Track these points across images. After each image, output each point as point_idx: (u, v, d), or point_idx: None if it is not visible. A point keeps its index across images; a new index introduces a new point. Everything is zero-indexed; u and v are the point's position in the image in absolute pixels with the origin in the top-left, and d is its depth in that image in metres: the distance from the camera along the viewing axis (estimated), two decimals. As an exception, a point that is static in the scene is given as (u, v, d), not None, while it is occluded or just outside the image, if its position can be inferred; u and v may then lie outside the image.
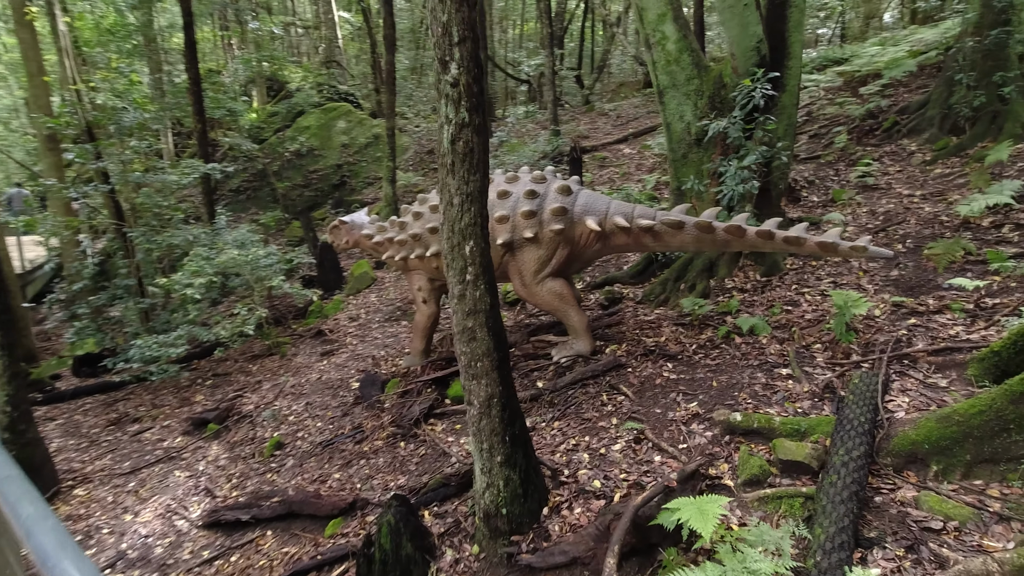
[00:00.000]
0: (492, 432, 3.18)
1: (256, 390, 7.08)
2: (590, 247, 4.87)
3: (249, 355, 8.43)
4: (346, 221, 6.03)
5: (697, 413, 3.92)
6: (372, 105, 21.83)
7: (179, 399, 7.54)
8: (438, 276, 5.46)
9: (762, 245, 4.24)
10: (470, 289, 2.95)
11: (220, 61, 22.45)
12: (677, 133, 6.17)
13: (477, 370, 3.09)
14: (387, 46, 9.60)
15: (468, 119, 2.70)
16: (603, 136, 12.34)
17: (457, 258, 2.91)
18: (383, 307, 8.52)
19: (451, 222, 2.86)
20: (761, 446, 3.50)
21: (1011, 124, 6.18)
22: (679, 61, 5.96)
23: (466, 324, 3.02)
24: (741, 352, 4.42)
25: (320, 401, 6.17)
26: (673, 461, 3.60)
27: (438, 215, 5.22)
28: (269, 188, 16.97)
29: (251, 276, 8.09)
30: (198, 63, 11.54)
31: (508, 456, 3.22)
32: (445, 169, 2.80)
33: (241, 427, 6.19)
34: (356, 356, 7.12)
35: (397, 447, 4.76)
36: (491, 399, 3.13)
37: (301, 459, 5.18)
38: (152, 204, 8.75)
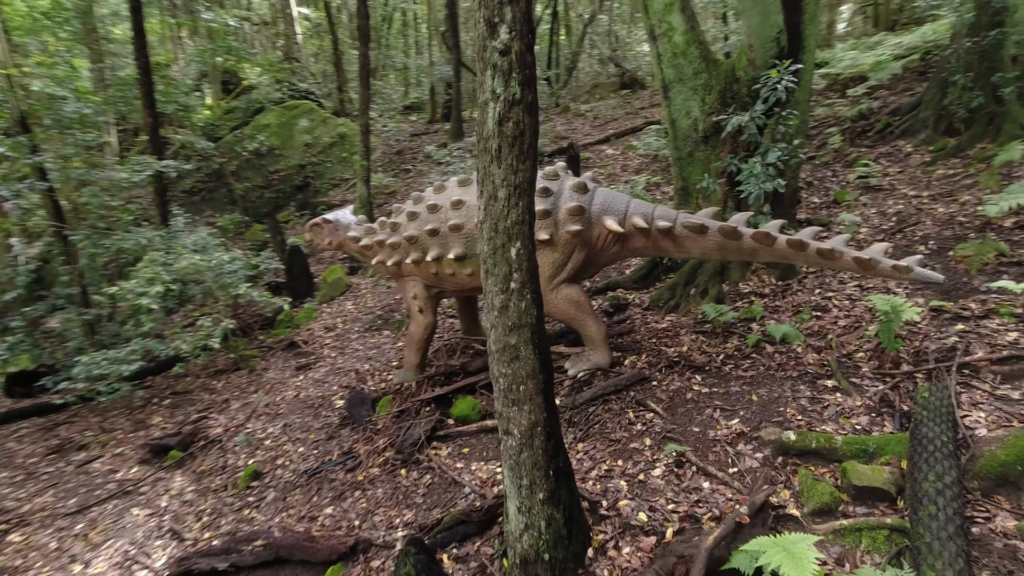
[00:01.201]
0: (534, 466, 2.72)
1: (223, 410, 6.37)
2: (607, 250, 4.47)
3: (212, 370, 7.66)
4: (330, 220, 5.45)
5: (742, 431, 3.56)
6: (334, 104, 20.99)
7: (133, 422, 6.74)
8: (435, 283, 4.96)
9: (792, 256, 3.90)
10: (514, 300, 2.48)
11: (169, 54, 21.09)
12: (683, 130, 5.87)
13: (519, 394, 2.63)
14: (361, 37, 9.00)
15: (520, 95, 2.25)
16: (583, 137, 12.04)
17: (500, 263, 2.44)
18: (362, 316, 7.90)
19: (494, 220, 2.39)
20: (822, 469, 3.16)
21: (1009, 125, 6.15)
22: (686, 54, 5.65)
23: (508, 341, 2.55)
24: (776, 362, 4.10)
25: (300, 422, 5.55)
26: (724, 488, 3.23)
27: (437, 216, 4.73)
28: (226, 189, 15.95)
29: (214, 283, 7.34)
30: (148, 52, 10.62)
31: (551, 493, 2.77)
32: (489, 156, 2.33)
33: (209, 454, 5.49)
34: (337, 370, 6.50)
35: (397, 475, 4.23)
36: (534, 428, 2.67)
37: (284, 491, 4.57)
38: (98, 204, 7.87)
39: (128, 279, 8.46)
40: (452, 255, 4.55)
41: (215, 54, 12.25)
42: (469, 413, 4.51)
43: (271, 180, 15.96)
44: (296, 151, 16.44)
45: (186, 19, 19.92)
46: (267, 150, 16.24)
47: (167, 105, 13.82)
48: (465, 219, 4.55)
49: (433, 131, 17.81)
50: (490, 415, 4.54)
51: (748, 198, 4.69)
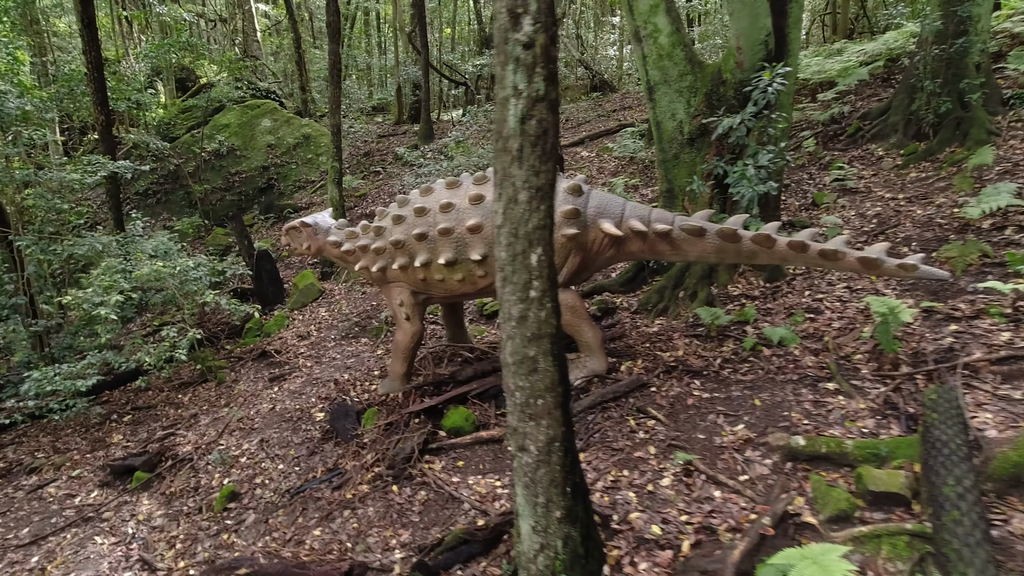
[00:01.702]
0: (551, 483, 2.58)
1: (192, 426, 5.99)
2: (603, 254, 4.38)
3: (176, 383, 7.23)
4: (308, 223, 5.18)
5: (748, 438, 3.51)
6: (297, 104, 20.40)
7: (89, 441, 6.27)
8: (423, 289, 4.76)
9: (793, 259, 3.90)
10: (534, 309, 2.34)
11: (119, 49, 20.07)
12: (668, 132, 5.85)
13: (537, 408, 2.48)
14: (330, 35, 8.69)
15: (543, 91, 2.11)
16: (556, 139, 11.97)
17: (520, 270, 2.29)
18: (337, 323, 7.61)
19: (514, 224, 2.24)
20: (834, 474, 3.13)
21: (976, 130, 6.38)
22: (672, 56, 5.63)
23: (526, 352, 2.40)
24: (775, 366, 4.08)
25: (278, 437, 5.25)
26: (737, 496, 3.16)
27: (425, 219, 4.54)
28: (184, 191, 15.25)
29: (178, 291, 6.93)
30: (99, 44, 10.01)
31: (568, 511, 2.63)
32: (509, 156, 2.18)
33: (179, 474, 5.14)
34: (314, 381, 6.21)
35: (389, 492, 4.02)
36: (552, 443, 2.53)
37: (265, 513, 4.29)
38: (47, 207, 7.32)
39: (79, 287, 7.95)
40: (442, 260, 4.38)
41: (171, 49, 11.62)
42: (462, 424, 4.33)
43: (232, 182, 15.35)
44: (258, 152, 15.86)
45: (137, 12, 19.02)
46: (227, 151, 15.61)
47: (119, 103, 13.10)
48: (455, 223, 4.38)
49: (401, 132, 17.50)
50: (484, 426, 4.38)
51: (740, 200, 4.68)
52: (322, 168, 15.68)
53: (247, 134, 16.14)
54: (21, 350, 7.40)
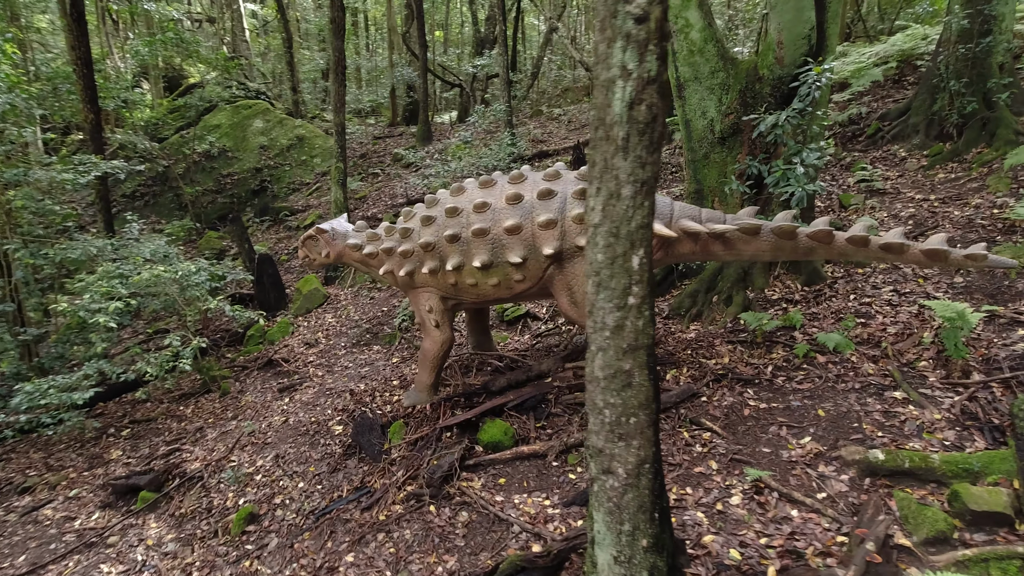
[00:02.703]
0: (639, 508, 2.33)
1: (199, 441, 5.64)
2: (649, 256, 4.14)
3: (177, 394, 6.86)
4: (325, 229, 4.89)
5: (818, 451, 3.30)
6: (288, 105, 19.99)
7: (86, 457, 5.89)
8: (453, 294, 4.49)
9: (853, 253, 3.72)
10: (632, 317, 2.10)
11: (103, 47, 19.47)
12: (698, 131, 5.65)
13: (628, 428, 2.24)
14: (334, 31, 8.39)
15: (655, 73, 1.88)
16: (560, 140, 11.79)
17: (618, 274, 2.05)
18: (346, 329, 7.29)
19: (615, 223, 2.00)
20: (920, 491, 2.93)
21: (1004, 130, 6.29)
22: (703, 52, 5.44)
23: (620, 366, 2.16)
24: (833, 373, 3.88)
25: (295, 453, 4.94)
26: (817, 516, 2.94)
27: (458, 220, 4.26)
28: (173, 194, 14.77)
29: (179, 297, 6.57)
30: (88, 39, 9.60)
31: (656, 538, 2.39)
32: (613, 146, 1.94)
33: (188, 494, 4.80)
34: (327, 391, 5.90)
35: (427, 513, 3.74)
36: (642, 465, 2.29)
37: (289, 536, 3.98)
38: (37, 209, 6.91)
39: (65, 293, 7.52)
40: (477, 263, 4.12)
41: (164, 46, 11.20)
42: (501, 439, 4.07)
43: (224, 184, 14.90)
44: (251, 153, 15.44)
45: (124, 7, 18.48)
46: (218, 152, 15.17)
47: (107, 101, 12.63)
48: (491, 223, 4.12)
49: (397, 134, 17.18)
50: (524, 440, 4.12)
51: (789, 200, 4.49)
52: (317, 170, 15.31)
53: (239, 135, 15.72)
54: (8, 360, 6.96)
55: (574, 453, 3.90)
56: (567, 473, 3.78)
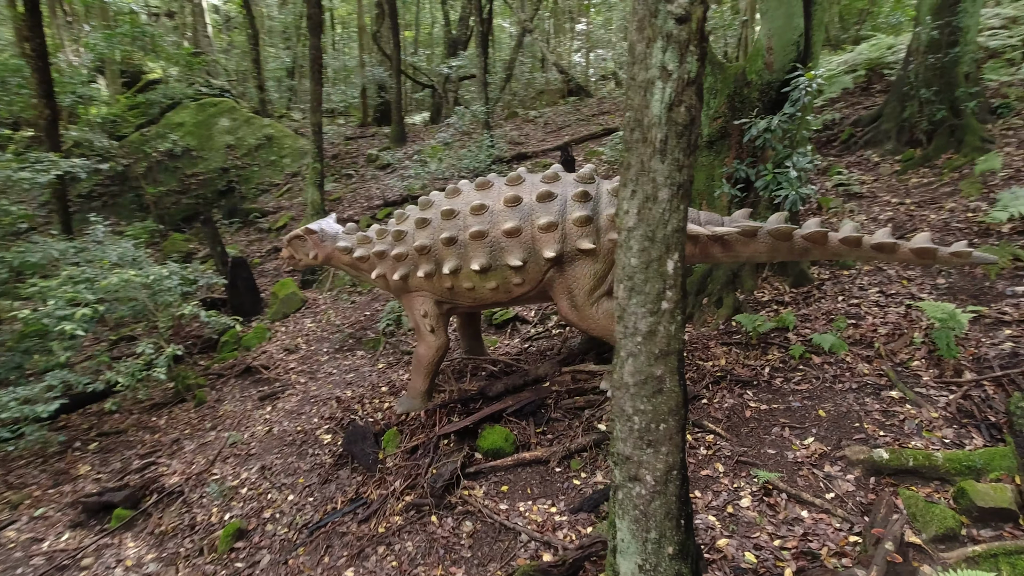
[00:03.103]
0: (667, 516, 2.30)
1: (176, 453, 5.37)
2: (648, 259, 4.14)
3: (148, 404, 6.53)
4: (314, 230, 4.72)
5: (823, 452, 3.34)
6: (254, 103, 19.41)
7: (50, 474, 5.54)
8: (449, 298, 4.40)
9: (846, 253, 3.80)
10: (665, 322, 2.06)
11: (55, 40, 18.52)
12: (686, 134, 5.69)
13: (658, 434, 2.20)
14: (311, 28, 8.16)
15: (695, 74, 1.85)
16: (538, 143, 11.78)
17: (653, 279, 2.01)
18: (328, 335, 7.09)
19: (652, 227, 1.96)
20: (925, 488, 2.99)
21: (971, 137, 6.55)
22: (692, 56, 5.48)
23: (652, 372, 2.12)
24: (829, 374, 3.95)
25: (282, 464, 4.75)
26: (827, 516, 2.97)
27: (454, 222, 4.17)
28: (133, 194, 14.15)
29: (151, 302, 6.26)
30: (43, 29, 9.10)
31: (682, 546, 2.36)
32: (650, 148, 1.90)
33: (168, 510, 4.56)
34: (312, 399, 5.71)
35: (428, 524, 3.63)
36: (670, 472, 2.26)
37: (282, 552, 3.81)
38: (-5, 210, 6.49)
39: (17, 298, 7.09)
40: (475, 267, 4.03)
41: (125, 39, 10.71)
42: (502, 445, 3.99)
43: (188, 184, 14.35)
44: (217, 153, 14.92)
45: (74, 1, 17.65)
46: (182, 151, 14.61)
47: (61, 97, 12.01)
48: (489, 226, 4.05)
49: (369, 135, 16.88)
50: (525, 446, 4.05)
51: (783, 202, 4.56)
52: (287, 171, 14.91)
53: (204, 134, 15.17)
54: (-41, 371, 6.51)
55: (577, 458, 3.86)
56: (571, 479, 3.73)
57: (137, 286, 6.06)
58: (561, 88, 15.82)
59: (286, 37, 27.45)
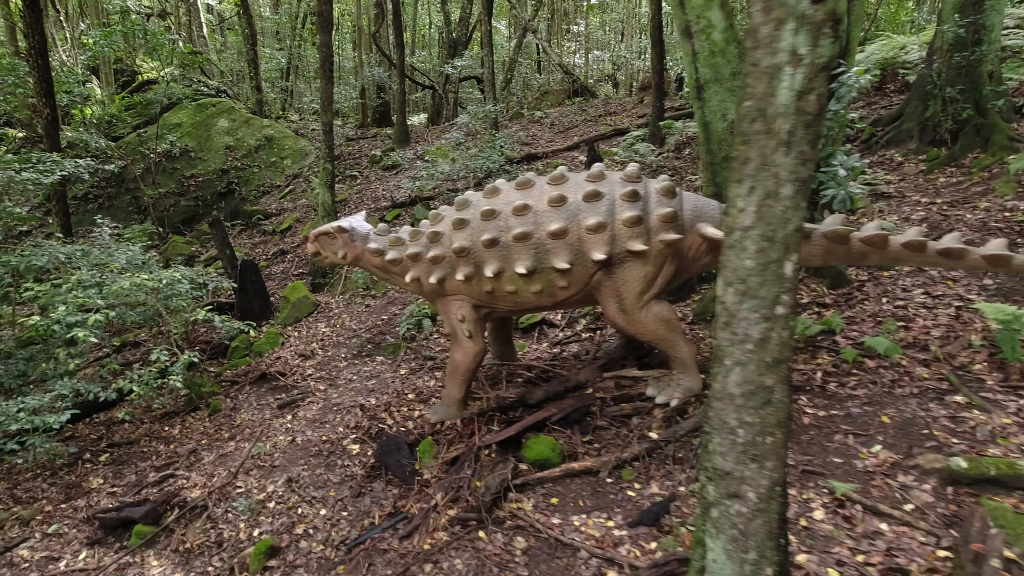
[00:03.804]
0: (768, 535, 2.15)
1: (194, 465, 5.15)
2: (698, 261, 4.01)
3: (159, 413, 6.29)
4: (345, 228, 4.52)
5: (894, 460, 3.21)
6: (251, 104, 19.12)
7: (61, 487, 5.29)
8: (488, 302, 4.23)
9: (907, 258, 3.65)
10: (779, 329, 1.91)
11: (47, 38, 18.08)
12: (718, 133, 5.57)
13: (764, 448, 2.05)
14: (322, 25, 7.97)
15: (827, 59, 1.70)
16: (547, 144, 11.64)
17: (770, 282, 1.86)
18: (344, 340, 6.88)
19: (771, 226, 1.81)
20: (1008, 499, 2.86)
21: (998, 136, 6.49)
22: (725, 53, 5.37)
23: (762, 382, 1.97)
24: (887, 379, 3.82)
25: (309, 476, 4.55)
26: (908, 529, 2.84)
27: (495, 223, 4.00)
28: (130, 196, 13.84)
29: (162, 307, 6.03)
30: (43, 27, 8.83)
31: (780, 566, 2.21)
32: (774, 141, 1.75)
33: (191, 526, 4.34)
34: (334, 407, 5.51)
35: (477, 540, 3.46)
36: (774, 488, 2.11)
37: (320, 571, 3.62)
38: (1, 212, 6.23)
39: (13, 303, 6.82)
40: (521, 269, 3.87)
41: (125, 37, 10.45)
42: (549, 455, 3.83)
43: (187, 186, 14.07)
44: (216, 154, 14.64)
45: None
46: (180, 152, 14.32)
47: (58, 96, 11.69)
48: (533, 227, 3.89)
49: (370, 136, 16.66)
50: (572, 456, 3.89)
51: (831, 202, 4.43)
52: (288, 172, 14.67)
53: (202, 134, 14.89)
54: (-40, 380, 6.24)
55: (628, 468, 3.70)
56: (624, 490, 3.57)
57: (149, 290, 5.84)
58: (566, 89, 15.71)
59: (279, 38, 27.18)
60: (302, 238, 10.55)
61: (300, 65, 25.28)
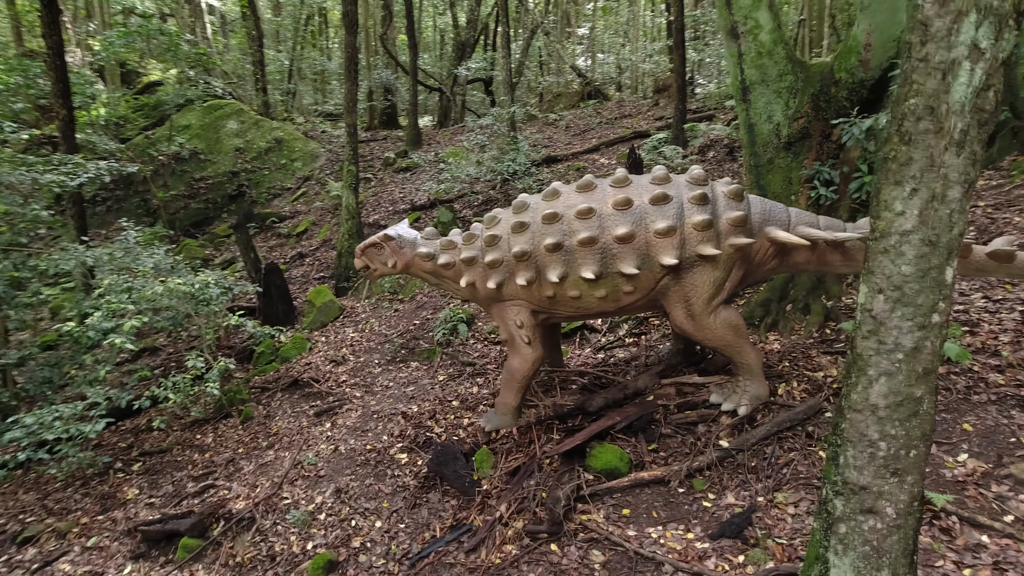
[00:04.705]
0: (903, 552, 2.06)
1: (233, 474, 5.02)
2: (764, 265, 3.93)
3: (188, 421, 6.15)
4: (392, 236, 4.42)
5: (984, 470, 3.12)
6: (258, 106, 18.97)
7: (96, 498, 5.15)
8: (547, 308, 4.13)
9: (993, 269, 3.52)
10: (932, 338, 1.82)
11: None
12: (763, 135, 5.51)
13: (906, 462, 1.96)
14: (347, 25, 7.86)
15: (1008, 53, 1.62)
16: (565, 146, 11.57)
17: (928, 289, 1.77)
18: (376, 345, 6.76)
19: (935, 230, 1.72)
20: (1114, 510, 2.78)
21: (1036, 139, 6.45)
22: (772, 54, 5.31)
23: (911, 392, 1.88)
24: (961, 385, 3.74)
25: (359, 487, 4.43)
26: (1012, 542, 2.75)
27: (558, 227, 3.89)
28: (139, 199, 13.66)
29: (194, 312, 5.90)
30: (61, 27, 8.68)
31: (913, 586, 2.12)
32: (944, 140, 1.66)
33: (238, 538, 4.21)
34: (374, 415, 5.39)
35: (549, 553, 3.35)
36: (912, 503, 2.02)
37: (384, 586, 3.50)
38: (26, 215, 6.08)
39: (30, 307, 6.66)
40: (588, 274, 3.77)
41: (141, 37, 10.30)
42: (617, 465, 3.73)
43: (197, 188, 13.90)
44: (225, 156, 14.48)
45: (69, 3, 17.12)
46: (189, 154, 14.16)
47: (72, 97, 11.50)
48: (599, 231, 3.79)
49: (380, 138, 16.54)
50: (639, 465, 3.79)
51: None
52: (298, 174, 14.53)
53: (211, 136, 14.73)
54: (-17, 388, 6.09)
55: (700, 478, 3.61)
56: (698, 500, 3.48)
57: (182, 295, 5.70)
58: (578, 91, 15.65)
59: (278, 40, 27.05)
60: (319, 242, 10.43)
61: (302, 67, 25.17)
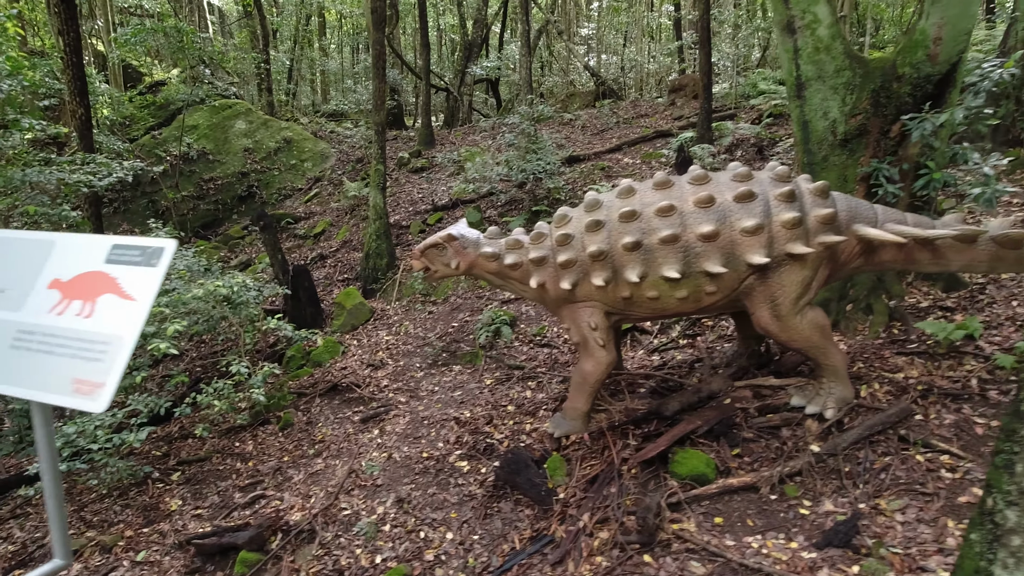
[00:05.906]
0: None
1: (283, 484, 4.84)
2: (849, 264, 3.82)
3: (224, 428, 5.96)
4: (455, 236, 4.27)
5: (1100, 474, 3.01)
6: (263, 106, 18.72)
7: (137, 509, 4.94)
8: (622, 309, 3.99)
9: None
10: None
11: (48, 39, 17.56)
12: (818, 132, 5.41)
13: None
14: (375, 23, 7.70)
15: None
16: (584, 146, 11.45)
17: None
18: (413, 348, 6.60)
19: None
20: None
21: (1078, 137, 6.41)
22: (830, 49, 5.21)
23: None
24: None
25: (421, 496, 4.27)
26: None
27: (636, 225, 3.76)
28: (147, 200, 13.39)
29: (233, 315, 5.71)
30: (78, 24, 8.45)
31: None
32: None
33: (300, 552, 4.04)
34: (424, 421, 5.23)
35: (643, 565, 3.21)
36: (1101, 516, 1.90)
37: (468, 601, 3.35)
38: (55, 216, 5.86)
39: None
40: (672, 274, 3.64)
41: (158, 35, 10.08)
42: (704, 471, 3.60)
43: (206, 189, 13.66)
44: (234, 157, 14.25)
45: None
46: (198, 155, 13.91)
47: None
48: (681, 229, 3.66)
49: (389, 138, 16.34)
50: (725, 471, 3.66)
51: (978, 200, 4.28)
52: (308, 175, 14.32)
53: (220, 137, 14.49)
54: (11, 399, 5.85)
55: (791, 484, 3.49)
56: (794, 508, 3.35)
57: (220, 298, 5.51)
58: (591, 91, 15.56)
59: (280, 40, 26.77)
60: (339, 243, 10.24)
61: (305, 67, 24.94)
